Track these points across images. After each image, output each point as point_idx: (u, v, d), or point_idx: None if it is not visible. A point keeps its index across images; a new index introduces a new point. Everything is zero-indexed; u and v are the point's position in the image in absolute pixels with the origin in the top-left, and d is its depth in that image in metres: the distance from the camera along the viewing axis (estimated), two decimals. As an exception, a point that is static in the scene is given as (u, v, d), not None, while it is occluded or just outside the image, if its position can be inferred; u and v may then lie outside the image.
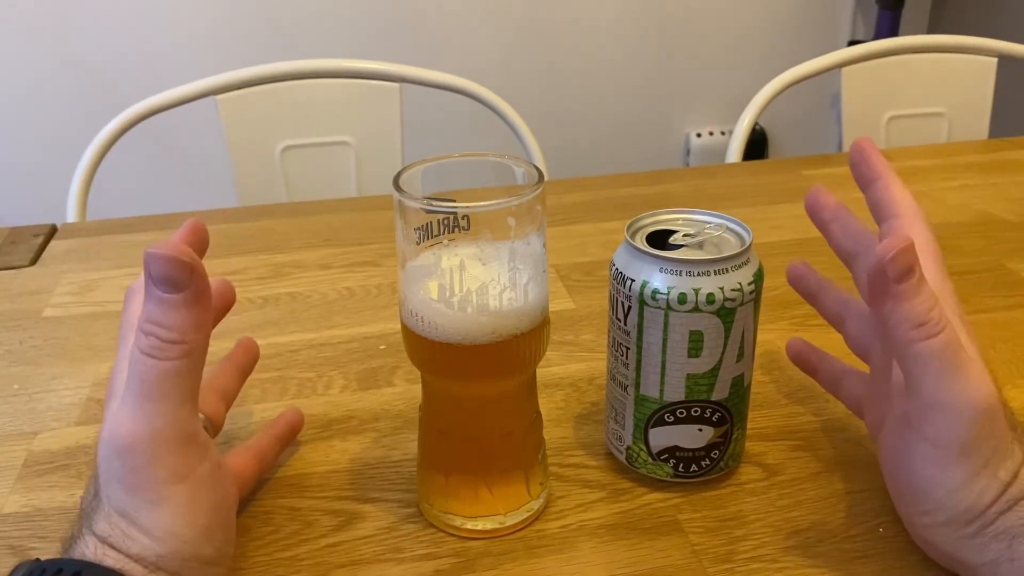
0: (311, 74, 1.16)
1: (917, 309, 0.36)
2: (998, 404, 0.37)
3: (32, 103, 1.98)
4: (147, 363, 0.35)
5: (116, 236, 0.83)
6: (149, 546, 0.36)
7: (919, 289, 0.36)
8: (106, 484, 0.37)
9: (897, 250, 0.36)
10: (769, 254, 0.48)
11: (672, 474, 0.47)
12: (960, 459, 0.37)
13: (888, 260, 0.36)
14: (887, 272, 0.36)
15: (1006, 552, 0.36)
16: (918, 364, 0.37)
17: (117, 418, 0.36)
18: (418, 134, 1.26)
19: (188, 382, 0.37)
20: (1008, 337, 0.62)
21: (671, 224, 0.46)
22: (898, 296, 0.36)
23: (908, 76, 1.26)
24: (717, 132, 2.34)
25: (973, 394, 0.36)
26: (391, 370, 0.60)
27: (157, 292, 0.35)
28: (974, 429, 0.37)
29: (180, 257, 0.35)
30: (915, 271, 0.36)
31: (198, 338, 0.37)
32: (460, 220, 0.39)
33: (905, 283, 0.36)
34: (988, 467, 0.37)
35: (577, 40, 2.18)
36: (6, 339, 0.65)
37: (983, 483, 0.37)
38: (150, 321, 0.35)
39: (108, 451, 0.36)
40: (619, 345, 0.45)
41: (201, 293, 0.36)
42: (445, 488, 0.45)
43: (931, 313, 0.36)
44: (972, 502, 0.37)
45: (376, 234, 0.82)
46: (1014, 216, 0.83)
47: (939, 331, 0.36)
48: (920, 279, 0.36)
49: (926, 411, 0.38)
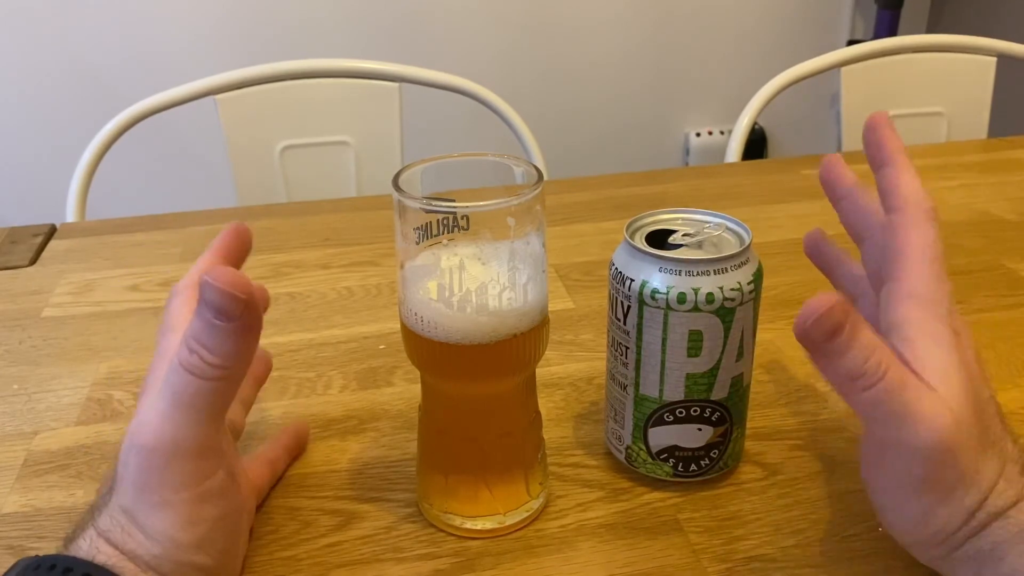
0: (311, 74, 1.16)
1: (849, 365, 0.35)
2: (961, 433, 0.36)
3: (32, 103, 1.98)
4: (185, 378, 0.35)
5: (115, 236, 0.83)
6: (145, 545, 0.36)
7: (850, 344, 0.35)
8: (119, 479, 0.37)
9: (816, 315, 0.34)
10: (768, 254, 0.48)
11: (671, 474, 0.47)
12: (919, 492, 0.37)
13: (809, 326, 0.35)
14: (811, 336, 0.35)
15: (978, 572, 0.36)
16: (864, 410, 0.36)
17: (144, 419, 0.36)
18: (418, 134, 1.26)
19: (221, 401, 0.37)
20: (1008, 337, 0.62)
21: (670, 224, 0.46)
22: (828, 354, 0.35)
23: (907, 76, 1.26)
24: (716, 132, 2.34)
25: (923, 435, 0.35)
26: (390, 370, 0.60)
27: (208, 315, 0.35)
28: (928, 466, 0.36)
29: (236, 294, 0.34)
30: (842, 328, 0.35)
31: (240, 366, 0.36)
32: (459, 220, 0.39)
33: (832, 343, 0.35)
34: (950, 497, 0.36)
35: (576, 40, 2.18)
36: (5, 339, 0.65)
37: (946, 512, 0.36)
38: (196, 340, 0.35)
39: (128, 449, 0.37)
40: (618, 345, 0.45)
41: (251, 326, 0.36)
42: (445, 488, 0.45)
43: (866, 365, 0.35)
44: (937, 528, 0.37)
45: (375, 234, 0.82)
46: (1014, 216, 0.83)
47: (876, 381, 0.35)
48: (851, 333, 0.35)
49: (880, 450, 0.38)
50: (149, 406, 0.37)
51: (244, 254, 0.45)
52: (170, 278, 0.73)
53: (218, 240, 0.44)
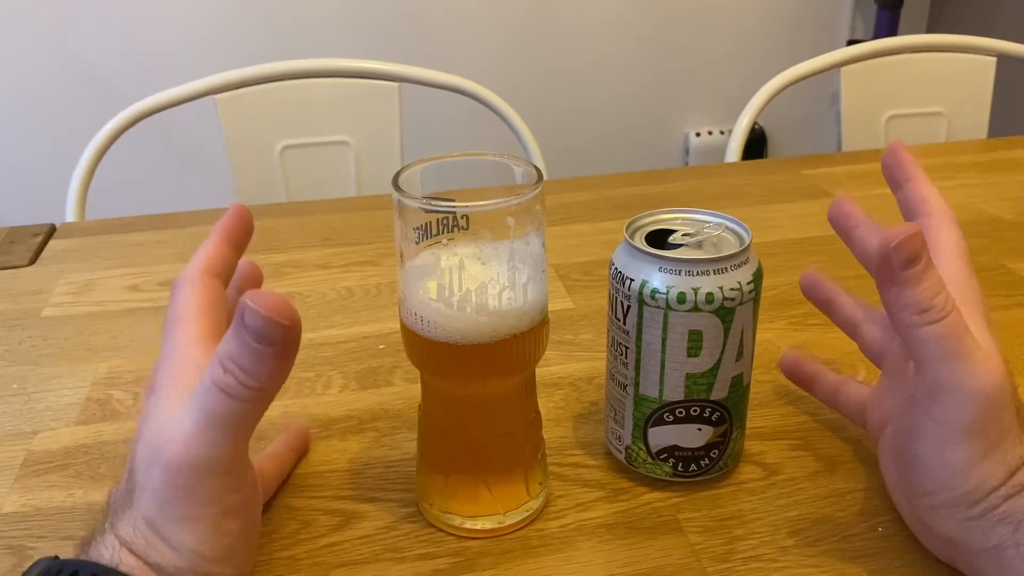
0: (310, 74, 1.16)
1: (921, 295, 0.37)
2: (1006, 392, 0.38)
3: (31, 102, 1.98)
4: (219, 397, 0.35)
5: (115, 236, 0.83)
6: (170, 558, 0.35)
7: (924, 275, 0.37)
8: (141, 489, 0.36)
9: (903, 237, 0.36)
10: (768, 253, 0.48)
11: (671, 473, 0.47)
12: (965, 440, 0.37)
13: (893, 247, 0.36)
14: (891, 258, 0.36)
15: (1011, 537, 0.36)
16: (923, 348, 0.37)
17: (171, 434, 0.35)
18: (417, 134, 1.26)
19: (252, 421, 0.37)
20: (1008, 337, 0.62)
21: (670, 224, 0.46)
22: (903, 282, 0.37)
23: (907, 76, 1.26)
24: (716, 131, 2.34)
25: (979, 378, 0.37)
26: (390, 370, 0.60)
27: (248, 338, 0.34)
28: (978, 412, 0.37)
29: (280, 320, 0.34)
30: (920, 258, 0.37)
31: (276, 387, 0.36)
32: (459, 220, 0.39)
33: (910, 270, 0.36)
34: (994, 451, 0.37)
35: (576, 40, 2.18)
36: (5, 339, 0.65)
37: (988, 466, 0.37)
38: (233, 361, 0.34)
39: (152, 461, 0.36)
40: (618, 345, 0.45)
41: (290, 348, 0.35)
42: (444, 488, 0.45)
43: (935, 299, 0.37)
44: (977, 483, 0.37)
45: (375, 234, 0.82)
46: (1014, 216, 0.83)
47: (943, 316, 0.37)
48: (926, 266, 0.37)
49: (933, 392, 0.38)
50: (176, 421, 0.36)
51: (247, 236, 0.44)
52: (170, 278, 0.73)
53: (221, 225, 0.43)
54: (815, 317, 0.52)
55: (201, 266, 0.41)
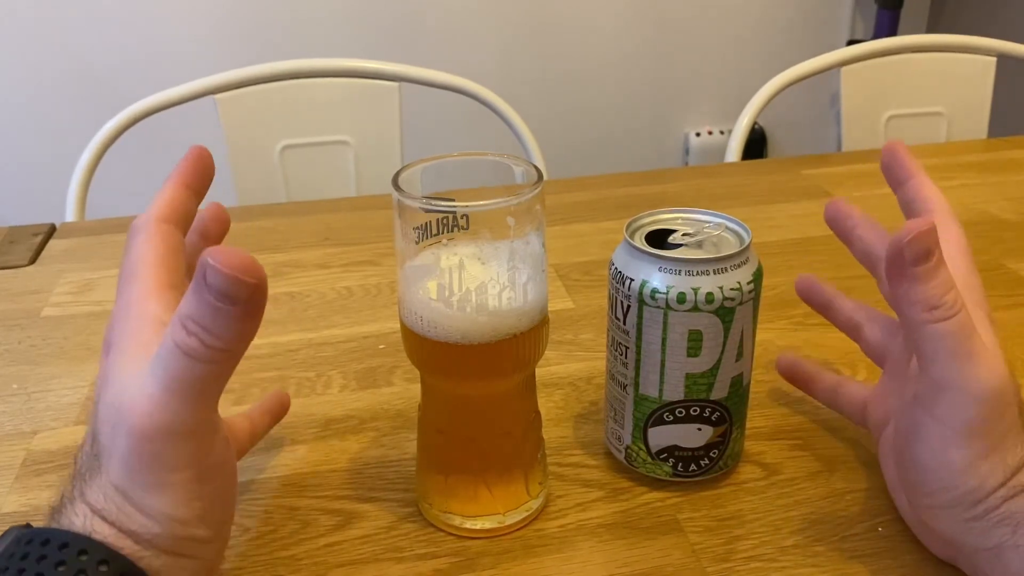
0: (310, 73, 1.16)
1: (932, 292, 0.37)
2: (1009, 392, 0.38)
3: (31, 102, 1.98)
4: (183, 361, 0.33)
5: (115, 235, 0.83)
6: (144, 524, 0.35)
7: (935, 272, 0.37)
8: (108, 455, 0.35)
9: (916, 232, 0.36)
10: (768, 253, 0.48)
11: (671, 473, 0.47)
12: (967, 440, 0.37)
13: (906, 242, 0.36)
14: (904, 254, 0.37)
15: (1011, 538, 0.36)
16: (930, 345, 0.37)
17: (135, 398, 0.34)
18: (417, 133, 1.26)
19: (219, 383, 0.35)
20: (1008, 337, 0.62)
21: (670, 223, 0.46)
22: (914, 278, 0.37)
23: (907, 76, 1.26)
24: (716, 131, 2.34)
25: (984, 378, 0.37)
26: (390, 369, 0.60)
27: (209, 298, 0.32)
28: (982, 412, 0.37)
29: (244, 278, 0.32)
30: (933, 254, 0.37)
31: (242, 346, 0.34)
32: (459, 219, 0.39)
33: (922, 266, 0.37)
34: (996, 451, 0.37)
35: (576, 39, 2.18)
36: (5, 338, 0.65)
37: (989, 466, 0.37)
38: (195, 322, 0.32)
39: (117, 426, 0.34)
40: (618, 344, 0.45)
41: (257, 307, 0.34)
42: (444, 487, 0.45)
43: (946, 297, 0.37)
44: (977, 484, 0.37)
45: (375, 233, 0.82)
46: (1014, 216, 0.83)
47: (952, 314, 0.37)
48: (938, 263, 0.37)
49: (936, 391, 0.38)
50: (138, 386, 0.34)
51: (207, 180, 0.42)
52: (170, 278, 0.73)
53: (178, 168, 0.40)
54: (815, 317, 0.52)
55: (157, 213, 0.39)
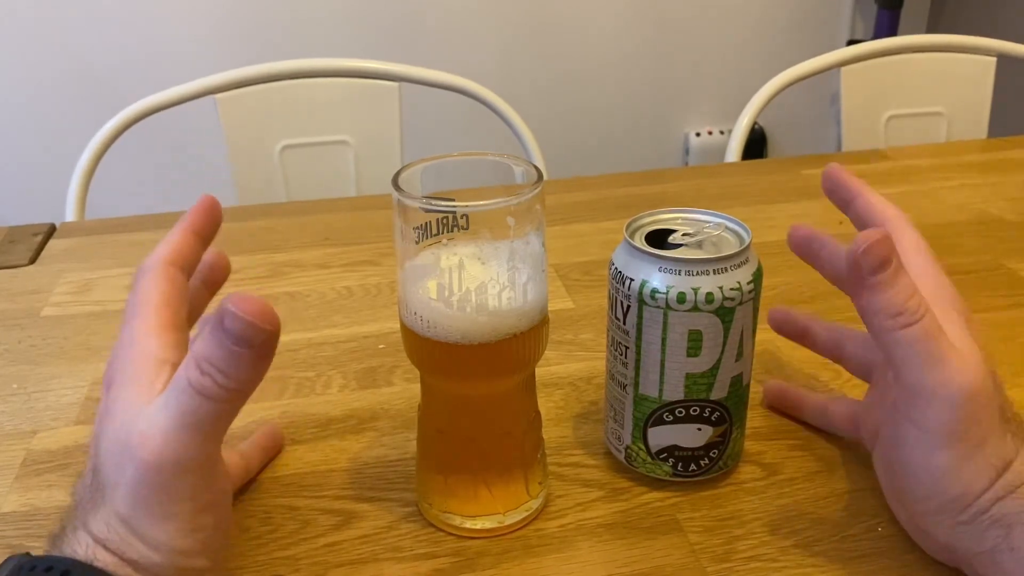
0: (310, 73, 1.16)
1: (894, 299, 0.37)
2: (985, 392, 0.37)
3: (31, 102, 1.98)
4: (195, 399, 0.35)
5: (115, 235, 0.83)
6: (146, 554, 0.35)
7: (895, 280, 0.37)
8: (113, 487, 0.36)
9: (870, 243, 0.37)
10: (768, 253, 0.48)
11: (671, 473, 0.47)
12: (947, 443, 0.37)
13: (861, 253, 0.37)
14: (861, 265, 0.37)
15: (1004, 540, 0.36)
16: (899, 352, 0.38)
17: (145, 432, 0.35)
18: (417, 133, 1.26)
19: (228, 420, 0.37)
20: (1008, 337, 0.62)
21: (670, 223, 0.46)
22: (874, 287, 0.37)
23: (907, 76, 1.26)
24: (716, 131, 2.34)
25: (955, 381, 0.37)
26: (390, 369, 0.60)
27: (227, 342, 0.34)
28: (959, 414, 0.37)
29: (262, 325, 0.33)
30: (890, 262, 0.37)
31: (253, 387, 0.36)
32: (459, 219, 0.39)
33: (880, 275, 0.37)
34: (978, 453, 0.37)
35: (576, 39, 2.18)
36: (5, 338, 0.65)
37: (974, 468, 0.37)
38: (211, 363, 0.34)
39: (124, 458, 0.35)
40: (618, 344, 0.45)
41: (270, 349, 0.35)
42: (444, 487, 0.45)
43: (908, 303, 0.37)
44: (964, 488, 0.37)
45: (375, 233, 0.82)
46: (1014, 216, 0.83)
47: (917, 319, 0.37)
48: (896, 270, 0.37)
49: (911, 397, 0.38)
50: (147, 419, 0.35)
51: (215, 229, 0.44)
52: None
53: (188, 216, 0.42)
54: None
55: (165, 256, 0.41)
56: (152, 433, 0.35)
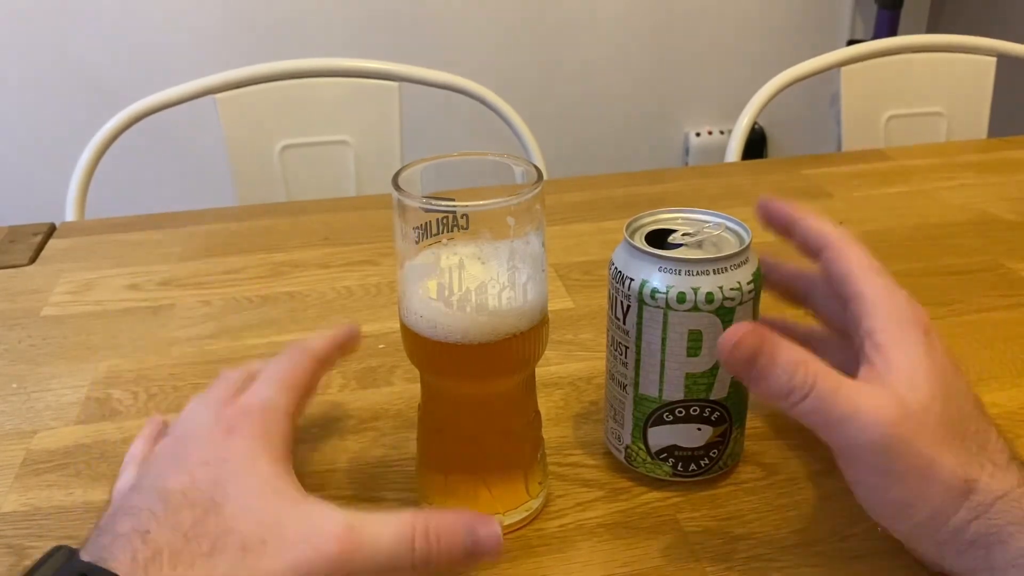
0: (310, 73, 1.16)
1: (777, 384, 0.37)
2: (915, 418, 0.37)
3: (31, 101, 1.98)
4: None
5: (115, 235, 0.83)
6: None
7: (771, 366, 0.37)
8: (255, 553, 0.35)
9: (738, 338, 0.37)
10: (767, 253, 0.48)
11: (671, 473, 0.47)
12: (891, 487, 0.37)
13: (731, 350, 0.37)
14: (735, 363, 0.38)
15: (984, 561, 0.36)
16: (807, 422, 0.38)
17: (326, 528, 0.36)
18: (417, 133, 1.26)
19: None
20: (1008, 337, 0.62)
21: (670, 223, 0.46)
22: (755, 379, 0.38)
23: (907, 76, 1.26)
24: (716, 131, 2.34)
25: (868, 430, 0.36)
26: (390, 369, 0.60)
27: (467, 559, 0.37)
28: (884, 458, 0.37)
29: None
30: (759, 354, 0.37)
31: None
32: (459, 219, 0.39)
33: (754, 368, 0.37)
34: (929, 483, 0.36)
35: (576, 39, 2.18)
36: (5, 338, 0.65)
37: (933, 492, 0.36)
38: (438, 538, 0.37)
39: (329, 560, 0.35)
40: (618, 344, 0.45)
41: None
42: (444, 487, 0.45)
43: (792, 382, 0.37)
44: (929, 513, 0.37)
45: (375, 233, 0.82)
46: (1013, 216, 0.83)
47: (807, 392, 0.37)
48: (770, 356, 0.37)
49: (840, 452, 0.38)
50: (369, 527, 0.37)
51: (349, 351, 0.50)
52: (169, 277, 0.73)
53: (340, 333, 0.49)
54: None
55: (318, 350, 0.47)
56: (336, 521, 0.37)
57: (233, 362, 0.61)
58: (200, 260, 0.77)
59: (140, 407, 0.56)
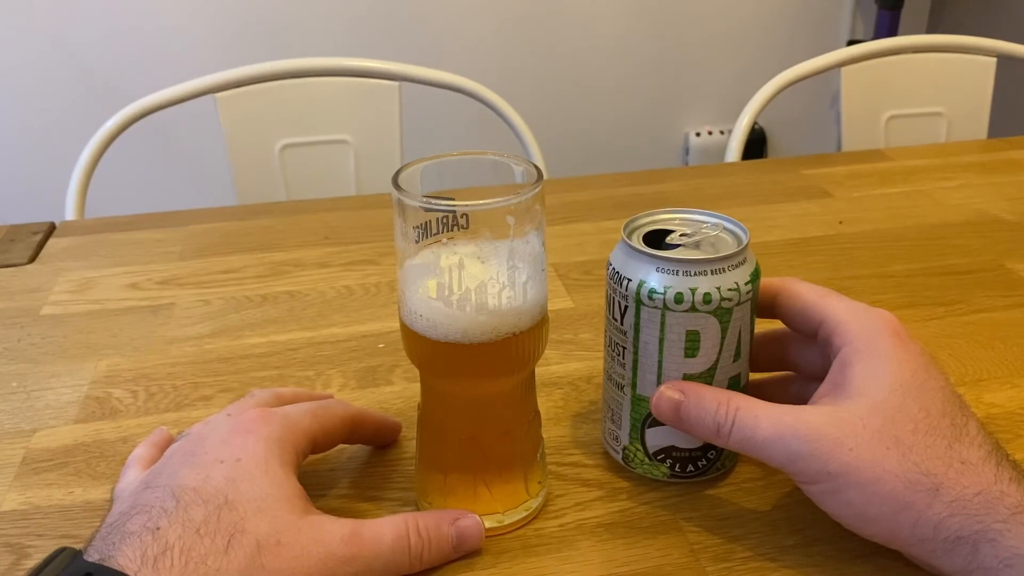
0: (310, 72, 1.16)
1: (704, 424, 0.41)
2: (842, 429, 0.38)
3: (31, 101, 1.98)
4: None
5: (115, 234, 0.83)
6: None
7: (695, 409, 0.42)
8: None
9: (654, 405, 0.43)
10: (766, 254, 0.48)
11: (668, 474, 0.47)
12: (836, 488, 0.38)
13: (658, 415, 0.43)
14: (663, 420, 0.43)
15: (973, 559, 0.36)
16: (744, 453, 0.41)
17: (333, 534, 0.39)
18: (417, 133, 1.26)
19: None
20: (1007, 337, 0.62)
21: (668, 224, 0.46)
22: (685, 426, 0.42)
23: (907, 76, 1.26)
24: (716, 131, 2.34)
25: (801, 445, 0.38)
26: (390, 369, 0.60)
27: (454, 552, 0.43)
28: (817, 465, 0.38)
29: None
30: (679, 404, 0.42)
31: None
32: (459, 219, 0.39)
33: (680, 416, 0.42)
34: (873, 483, 0.37)
35: (577, 39, 2.18)
36: (4, 337, 0.65)
37: (881, 494, 0.37)
38: (430, 540, 0.41)
39: None
40: (616, 345, 0.45)
41: None
42: (444, 487, 0.45)
43: (716, 416, 0.41)
44: (887, 512, 0.37)
45: (375, 233, 0.82)
46: (1013, 216, 0.83)
47: (731, 424, 0.40)
48: (692, 401, 0.42)
49: (798, 479, 0.40)
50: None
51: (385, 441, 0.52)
52: (169, 276, 0.73)
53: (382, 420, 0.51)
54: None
55: (352, 415, 0.47)
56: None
57: (233, 361, 0.61)
58: (200, 259, 0.77)
59: (140, 406, 0.56)
